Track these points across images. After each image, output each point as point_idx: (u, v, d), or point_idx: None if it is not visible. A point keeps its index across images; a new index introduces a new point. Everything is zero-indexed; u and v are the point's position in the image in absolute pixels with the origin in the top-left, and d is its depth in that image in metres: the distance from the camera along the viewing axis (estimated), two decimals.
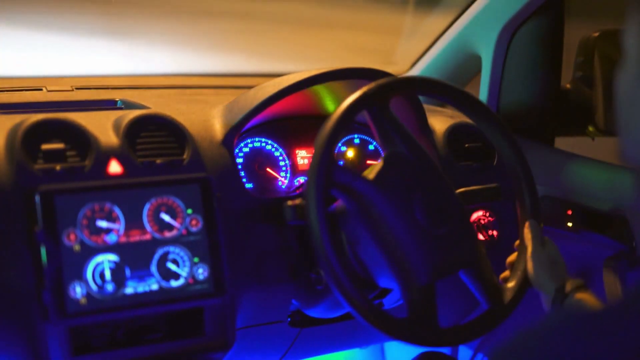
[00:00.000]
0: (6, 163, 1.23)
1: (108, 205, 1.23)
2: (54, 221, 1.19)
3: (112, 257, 1.22)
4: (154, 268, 1.25)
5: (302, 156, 1.60)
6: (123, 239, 1.24)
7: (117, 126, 1.33)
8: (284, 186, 1.58)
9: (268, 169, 1.57)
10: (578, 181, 1.67)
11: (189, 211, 1.29)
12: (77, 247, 1.20)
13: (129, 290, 1.23)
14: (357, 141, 1.65)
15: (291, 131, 1.60)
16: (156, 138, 1.34)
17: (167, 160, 1.33)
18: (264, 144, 1.57)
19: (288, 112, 1.58)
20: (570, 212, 1.65)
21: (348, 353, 2.12)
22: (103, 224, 1.23)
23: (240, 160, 1.54)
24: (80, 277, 1.19)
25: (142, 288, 1.24)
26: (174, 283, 1.26)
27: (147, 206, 1.26)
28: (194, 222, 1.29)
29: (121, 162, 1.29)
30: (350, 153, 1.64)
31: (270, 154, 1.58)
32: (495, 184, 1.42)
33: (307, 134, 1.60)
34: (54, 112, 1.31)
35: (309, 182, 1.19)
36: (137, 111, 1.37)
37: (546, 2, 1.73)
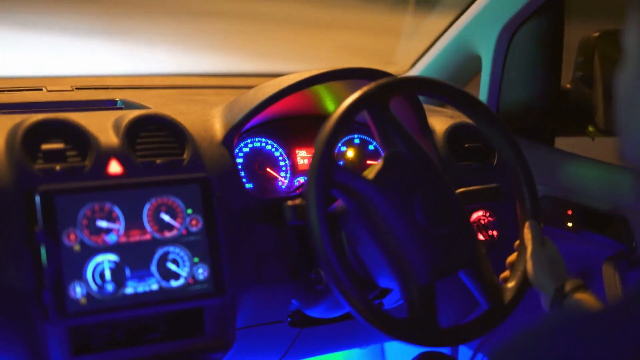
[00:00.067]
0: (6, 163, 1.23)
1: (108, 205, 1.23)
2: (54, 221, 1.19)
3: (112, 257, 1.22)
4: (154, 268, 1.25)
5: (302, 156, 1.60)
6: (123, 239, 1.24)
7: (117, 126, 1.33)
8: (284, 186, 1.58)
9: (268, 169, 1.57)
10: (578, 181, 1.67)
11: (189, 211, 1.29)
12: (77, 247, 1.20)
13: (129, 290, 1.23)
14: (357, 141, 1.65)
15: (291, 131, 1.60)
16: (156, 138, 1.34)
17: (167, 160, 1.33)
18: (264, 144, 1.57)
19: (288, 112, 1.58)
20: (570, 212, 1.65)
21: (348, 353, 2.12)
22: (103, 224, 1.23)
23: (240, 160, 1.54)
24: (80, 277, 1.19)
25: (142, 288, 1.24)
26: (174, 283, 1.26)
27: (147, 206, 1.26)
28: (194, 222, 1.29)
29: (121, 162, 1.29)
30: (350, 153, 1.64)
31: (270, 154, 1.58)
32: (495, 184, 1.42)
33: (307, 134, 1.60)
34: (54, 112, 1.31)
35: (309, 182, 1.19)
36: (137, 111, 1.37)
37: (546, 2, 1.73)
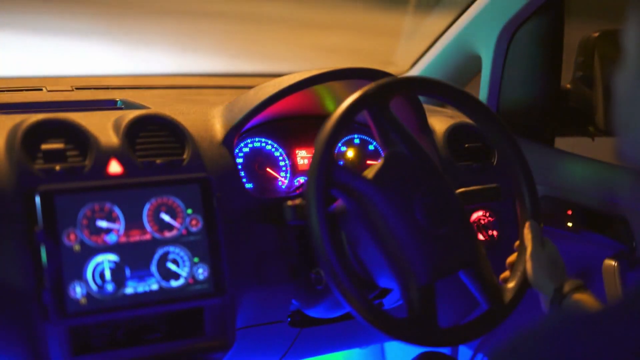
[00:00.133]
0: (6, 163, 1.23)
1: (108, 205, 1.23)
2: (54, 221, 1.19)
3: (112, 257, 1.22)
4: (154, 268, 1.25)
5: (302, 156, 1.60)
6: (123, 239, 1.24)
7: (117, 126, 1.33)
8: (284, 186, 1.58)
9: (268, 169, 1.57)
10: (578, 181, 1.67)
11: (189, 211, 1.29)
12: (77, 247, 1.20)
13: (129, 290, 1.23)
14: (357, 141, 1.65)
15: (291, 131, 1.60)
16: (156, 138, 1.34)
17: (167, 160, 1.33)
18: (264, 144, 1.57)
19: (288, 112, 1.58)
20: (570, 212, 1.65)
21: (348, 353, 2.12)
22: (103, 224, 1.23)
23: (240, 160, 1.54)
24: (80, 277, 1.19)
25: (142, 288, 1.24)
26: (174, 283, 1.26)
27: (147, 206, 1.26)
28: (194, 222, 1.29)
29: (121, 162, 1.29)
30: (350, 153, 1.64)
31: (270, 154, 1.58)
32: (495, 184, 1.42)
33: (307, 134, 1.60)
34: (54, 112, 1.31)
35: (309, 182, 1.19)
36: (137, 111, 1.37)
37: (546, 2, 1.73)
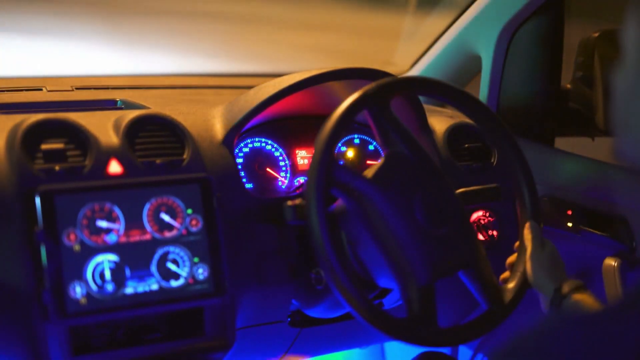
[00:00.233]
0: (6, 163, 1.23)
1: (108, 205, 1.23)
2: (54, 221, 1.19)
3: (112, 257, 1.22)
4: (154, 268, 1.25)
5: (302, 156, 1.60)
6: (123, 239, 1.24)
7: (117, 126, 1.33)
8: (284, 186, 1.58)
9: (268, 169, 1.57)
10: (578, 181, 1.67)
11: (189, 211, 1.29)
12: (77, 247, 1.20)
13: (129, 290, 1.23)
14: (357, 141, 1.65)
15: (291, 131, 1.60)
16: (156, 138, 1.34)
17: (167, 160, 1.33)
18: (264, 144, 1.57)
19: (288, 112, 1.58)
20: (570, 212, 1.64)
21: (348, 353, 2.12)
22: (103, 224, 1.23)
23: (240, 160, 1.54)
24: (80, 277, 1.19)
25: (142, 288, 1.24)
26: (174, 283, 1.26)
27: (147, 206, 1.26)
28: (194, 222, 1.29)
29: (121, 162, 1.29)
30: (350, 153, 1.64)
31: (270, 154, 1.58)
32: (495, 184, 1.42)
33: (307, 134, 1.60)
34: (54, 112, 1.31)
35: (309, 182, 1.19)
36: (137, 111, 1.37)
37: (546, 2, 1.73)
